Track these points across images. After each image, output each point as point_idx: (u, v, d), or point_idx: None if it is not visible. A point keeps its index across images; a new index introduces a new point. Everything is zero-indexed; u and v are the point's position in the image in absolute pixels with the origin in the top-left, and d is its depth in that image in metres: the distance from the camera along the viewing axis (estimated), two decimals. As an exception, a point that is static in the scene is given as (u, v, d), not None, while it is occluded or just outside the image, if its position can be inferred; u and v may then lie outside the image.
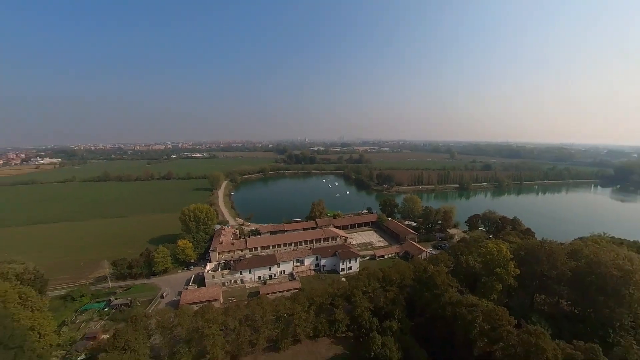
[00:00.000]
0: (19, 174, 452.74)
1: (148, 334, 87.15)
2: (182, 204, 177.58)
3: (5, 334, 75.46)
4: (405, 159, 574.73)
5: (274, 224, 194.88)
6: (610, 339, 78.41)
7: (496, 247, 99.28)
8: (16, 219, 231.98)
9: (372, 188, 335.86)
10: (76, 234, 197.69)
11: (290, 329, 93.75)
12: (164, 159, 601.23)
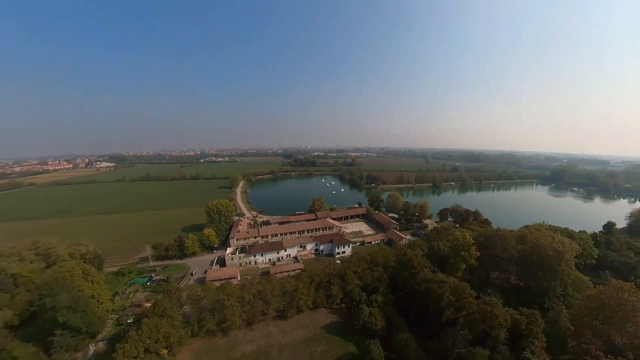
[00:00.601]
0: (84, 175, 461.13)
1: (180, 304, 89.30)
2: (208, 200, 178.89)
3: (73, 300, 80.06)
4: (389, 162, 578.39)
5: (282, 216, 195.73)
6: (547, 305, 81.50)
7: (461, 235, 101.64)
8: (82, 211, 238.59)
9: (362, 186, 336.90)
10: (125, 223, 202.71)
11: (294, 301, 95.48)
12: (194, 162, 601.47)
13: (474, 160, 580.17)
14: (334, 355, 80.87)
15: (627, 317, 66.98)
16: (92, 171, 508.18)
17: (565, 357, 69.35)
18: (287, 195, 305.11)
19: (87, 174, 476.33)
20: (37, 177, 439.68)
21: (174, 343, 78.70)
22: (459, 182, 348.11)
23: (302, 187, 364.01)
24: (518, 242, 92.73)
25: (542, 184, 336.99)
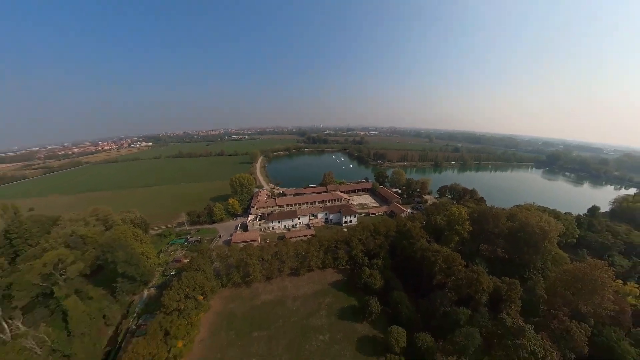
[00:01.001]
0: (128, 153, 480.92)
1: (211, 261, 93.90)
2: (231, 174, 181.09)
3: (128, 256, 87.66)
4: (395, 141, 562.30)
5: (296, 188, 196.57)
6: (526, 276, 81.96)
7: (457, 210, 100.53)
8: (129, 184, 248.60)
9: (369, 163, 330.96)
10: (163, 193, 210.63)
11: (306, 262, 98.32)
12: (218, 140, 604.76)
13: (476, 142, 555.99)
14: (338, 307, 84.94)
15: (595, 290, 67.77)
16: (134, 150, 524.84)
17: (536, 319, 70.26)
18: (301, 169, 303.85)
19: (130, 152, 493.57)
20: (92, 156, 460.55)
21: (208, 291, 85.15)
22: (460, 162, 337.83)
23: (315, 162, 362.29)
24: (508, 220, 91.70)
25: (537, 167, 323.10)
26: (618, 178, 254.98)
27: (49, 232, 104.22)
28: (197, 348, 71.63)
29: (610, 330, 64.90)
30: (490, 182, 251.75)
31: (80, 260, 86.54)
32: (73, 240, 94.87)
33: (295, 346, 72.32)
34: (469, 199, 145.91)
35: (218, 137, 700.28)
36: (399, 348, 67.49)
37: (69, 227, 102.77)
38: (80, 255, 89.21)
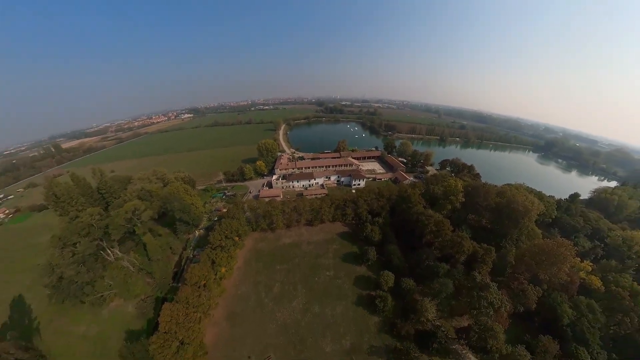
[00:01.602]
0: (174, 124, 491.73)
1: (244, 211, 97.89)
2: (258, 139, 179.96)
3: (181, 206, 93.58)
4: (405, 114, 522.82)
5: (313, 153, 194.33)
6: (502, 244, 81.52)
7: (454, 183, 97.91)
8: (177, 149, 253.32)
9: (380, 133, 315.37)
10: (204, 156, 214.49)
11: (319, 215, 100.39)
12: (247, 110, 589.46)
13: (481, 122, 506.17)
14: (343, 252, 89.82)
15: (556, 263, 68.34)
16: (179, 121, 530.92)
17: (500, 279, 72.85)
18: (318, 137, 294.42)
19: (176, 123, 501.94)
20: (148, 128, 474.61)
21: (242, 234, 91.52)
22: (464, 139, 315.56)
23: (331, 130, 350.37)
24: (497, 196, 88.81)
25: (534, 151, 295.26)
26: (603, 170, 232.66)
27: (126, 188, 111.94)
28: (235, 273, 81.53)
29: (557, 295, 67.10)
30: (488, 160, 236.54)
31: (149, 208, 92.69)
32: (143, 194, 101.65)
33: (307, 277, 80.00)
34: (467, 173, 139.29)
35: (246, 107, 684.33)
36: (387, 287, 73.02)
37: (138, 184, 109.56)
38: (149, 205, 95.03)
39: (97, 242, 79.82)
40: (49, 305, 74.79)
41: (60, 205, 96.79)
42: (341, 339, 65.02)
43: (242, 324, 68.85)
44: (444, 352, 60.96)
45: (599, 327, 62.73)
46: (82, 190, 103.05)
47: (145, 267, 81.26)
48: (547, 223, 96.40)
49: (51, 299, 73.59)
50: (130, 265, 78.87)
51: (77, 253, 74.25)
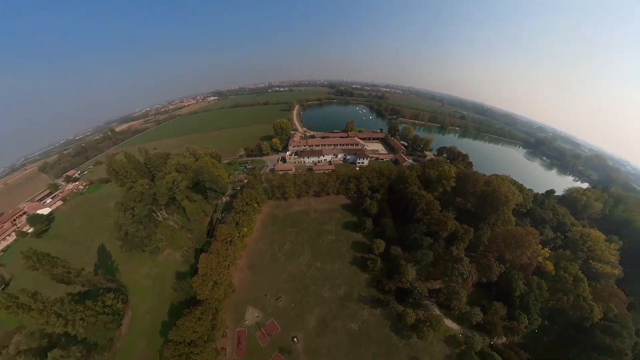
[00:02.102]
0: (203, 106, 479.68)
1: (261, 182, 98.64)
2: (274, 119, 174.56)
3: (210, 177, 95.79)
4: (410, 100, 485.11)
5: (323, 132, 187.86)
6: (480, 226, 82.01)
7: (448, 169, 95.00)
8: (205, 129, 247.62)
9: (385, 117, 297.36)
10: (228, 134, 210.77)
11: (325, 188, 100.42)
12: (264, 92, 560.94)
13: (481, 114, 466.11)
14: (344, 221, 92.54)
15: (520, 247, 70.03)
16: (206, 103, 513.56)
17: (473, 255, 75.42)
18: (329, 117, 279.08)
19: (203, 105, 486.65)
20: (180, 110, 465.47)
21: (260, 201, 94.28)
22: (462, 128, 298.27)
23: (340, 112, 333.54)
24: (484, 184, 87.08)
25: (523, 147, 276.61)
26: (580, 172, 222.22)
27: (166, 162, 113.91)
28: (254, 233, 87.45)
29: (515, 272, 69.99)
30: (482, 151, 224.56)
31: (185, 179, 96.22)
32: (179, 167, 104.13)
33: (312, 239, 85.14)
34: (461, 161, 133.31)
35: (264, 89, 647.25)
36: (378, 252, 77.28)
37: (175, 159, 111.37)
38: (185, 176, 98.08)
39: (148, 207, 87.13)
40: (121, 252, 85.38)
41: (119, 178, 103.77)
42: (337, 289, 72.15)
43: (260, 272, 76.68)
44: (416, 306, 67.63)
45: (542, 301, 66.96)
46: (133, 165, 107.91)
47: (185, 226, 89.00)
48: (522, 212, 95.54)
49: (122, 249, 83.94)
50: (174, 224, 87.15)
51: (135, 215, 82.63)
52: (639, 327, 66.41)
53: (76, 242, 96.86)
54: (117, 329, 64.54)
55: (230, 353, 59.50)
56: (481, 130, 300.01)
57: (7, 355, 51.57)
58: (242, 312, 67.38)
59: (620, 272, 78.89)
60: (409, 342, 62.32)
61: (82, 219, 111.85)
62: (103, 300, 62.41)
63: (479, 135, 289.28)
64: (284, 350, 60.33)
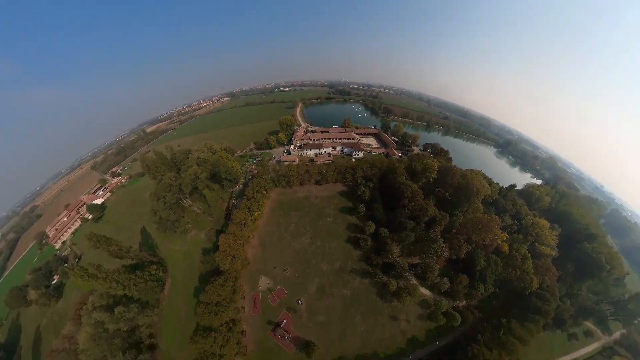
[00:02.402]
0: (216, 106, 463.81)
1: (269, 172, 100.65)
2: (280, 116, 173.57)
3: (225, 168, 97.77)
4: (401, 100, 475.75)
5: (324, 127, 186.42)
6: (454, 213, 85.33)
7: (431, 162, 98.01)
8: (220, 126, 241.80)
9: (379, 115, 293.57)
10: (239, 130, 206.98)
11: (325, 177, 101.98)
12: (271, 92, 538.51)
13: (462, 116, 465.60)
14: (340, 205, 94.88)
15: (485, 231, 76.38)
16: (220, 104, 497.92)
17: (447, 236, 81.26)
18: (328, 114, 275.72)
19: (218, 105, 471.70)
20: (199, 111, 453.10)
21: (268, 189, 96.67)
22: (445, 127, 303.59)
23: (339, 109, 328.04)
24: (461, 177, 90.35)
25: (494, 146, 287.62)
26: (537, 171, 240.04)
27: (188, 157, 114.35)
28: (264, 217, 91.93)
29: (479, 252, 77.10)
30: (460, 148, 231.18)
31: (204, 171, 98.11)
32: (199, 161, 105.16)
33: (313, 221, 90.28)
34: (442, 156, 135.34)
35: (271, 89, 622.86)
36: (369, 232, 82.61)
37: (196, 154, 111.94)
38: (204, 169, 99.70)
39: (176, 195, 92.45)
40: (158, 233, 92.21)
41: (151, 172, 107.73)
42: (333, 263, 79.53)
43: (270, 248, 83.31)
44: (398, 277, 75.78)
45: (496, 274, 75.33)
46: (162, 161, 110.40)
47: (207, 211, 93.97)
48: (489, 202, 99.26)
49: (158, 230, 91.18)
50: (198, 209, 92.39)
51: (166, 202, 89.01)
52: (562, 294, 77.38)
53: (123, 225, 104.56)
54: (161, 292, 74.07)
55: (248, 311, 67.94)
56: (461, 130, 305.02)
57: (87, 310, 62.23)
58: (256, 280, 75.16)
59: (556, 252, 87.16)
60: (390, 305, 71.16)
61: (126, 206, 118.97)
62: (148, 271, 71.83)
63: (459, 134, 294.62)
64: (291, 309, 68.69)
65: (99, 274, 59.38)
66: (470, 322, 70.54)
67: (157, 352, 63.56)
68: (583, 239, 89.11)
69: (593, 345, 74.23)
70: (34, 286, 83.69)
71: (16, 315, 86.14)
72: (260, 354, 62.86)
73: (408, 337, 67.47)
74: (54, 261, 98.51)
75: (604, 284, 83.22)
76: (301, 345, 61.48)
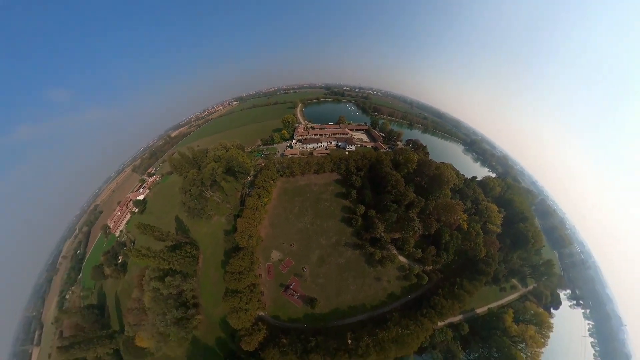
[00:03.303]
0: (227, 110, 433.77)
1: (274, 164, 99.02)
2: (282, 115, 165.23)
3: (237, 162, 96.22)
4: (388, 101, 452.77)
5: (321, 124, 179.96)
6: (428, 198, 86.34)
7: (412, 156, 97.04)
8: (231, 127, 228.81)
9: (369, 113, 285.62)
10: (248, 129, 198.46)
11: (322, 167, 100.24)
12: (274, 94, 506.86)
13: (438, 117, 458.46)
14: (336, 191, 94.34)
15: (451, 213, 79.94)
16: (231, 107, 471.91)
17: (422, 217, 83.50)
18: (325, 112, 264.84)
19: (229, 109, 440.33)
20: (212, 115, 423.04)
21: (274, 179, 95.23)
22: (424, 126, 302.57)
23: (334, 108, 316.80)
24: (435, 169, 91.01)
25: (462, 144, 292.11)
26: (492, 166, 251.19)
27: (206, 155, 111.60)
28: (272, 202, 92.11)
29: (445, 229, 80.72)
30: (436, 144, 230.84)
31: (220, 167, 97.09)
32: (216, 158, 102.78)
33: (313, 205, 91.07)
34: (421, 151, 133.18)
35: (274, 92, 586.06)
36: (359, 213, 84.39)
37: (212, 152, 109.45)
38: (220, 164, 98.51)
39: (199, 188, 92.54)
40: (188, 219, 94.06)
41: (177, 170, 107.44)
42: (330, 238, 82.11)
43: (278, 228, 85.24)
44: (382, 248, 79.14)
45: (456, 245, 79.68)
46: (185, 160, 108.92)
47: (225, 199, 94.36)
48: (455, 190, 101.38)
49: (188, 217, 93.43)
50: (218, 199, 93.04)
51: (192, 195, 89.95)
52: (500, 260, 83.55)
53: (161, 215, 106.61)
54: (197, 265, 79.47)
55: (264, 277, 72.13)
56: (437, 129, 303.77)
57: (146, 280, 69.99)
58: (268, 253, 78.22)
59: (500, 230, 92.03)
60: (375, 269, 75.54)
61: (161, 200, 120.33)
62: (185, 249, 77.19)
63: (435, 132, 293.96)
64: (297, 275, 72.74)
65: (149, 254, 67.19)
66: (434, 281, 76.09)
67: (199, 308, 71.59)
68: (519, 220, 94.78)
69: (515, 295, 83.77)
70: (107, 264, 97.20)
71: (100, 285, 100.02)
72: (275, 308, 68.74)
73: (388, 292, 72.73)
74: (117, 246, 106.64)
75: (528, 253, 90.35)
76: (306, 301, 67.39)
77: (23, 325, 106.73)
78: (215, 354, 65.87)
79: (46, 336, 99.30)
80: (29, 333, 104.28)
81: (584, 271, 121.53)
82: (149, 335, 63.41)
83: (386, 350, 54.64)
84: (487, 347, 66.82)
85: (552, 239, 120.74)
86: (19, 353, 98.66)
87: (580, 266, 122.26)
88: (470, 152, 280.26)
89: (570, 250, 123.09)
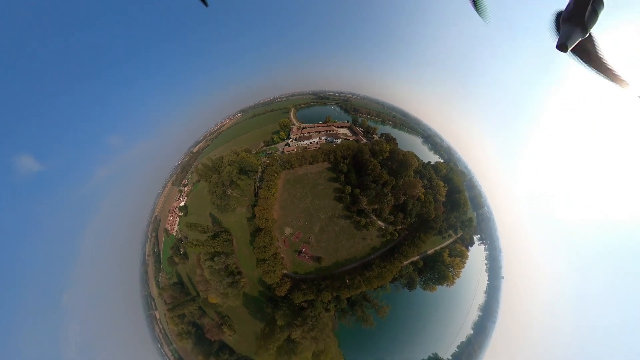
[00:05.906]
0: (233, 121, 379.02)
1: (277, 160, 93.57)
2: (279, 119, 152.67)
3: (247, 163, 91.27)
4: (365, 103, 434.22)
5: (312, 124, 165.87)
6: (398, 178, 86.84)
7: (386, 146, 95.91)
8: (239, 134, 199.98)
9: (350, 112, 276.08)
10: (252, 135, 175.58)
11: (316, 159, 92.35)
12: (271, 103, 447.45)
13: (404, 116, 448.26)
14: (327, 177, 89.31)
15: (414, 188, 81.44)
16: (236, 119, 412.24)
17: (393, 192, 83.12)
18: (314, 114, 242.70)
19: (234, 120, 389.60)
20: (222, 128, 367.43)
21: (278, 172, 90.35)
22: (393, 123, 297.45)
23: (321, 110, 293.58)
24: (402, 156, 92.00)
25: (421, 137, 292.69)
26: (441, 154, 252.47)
27: (222, 161, 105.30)
28: (279, 191, 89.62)
29: (409, 200, 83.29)
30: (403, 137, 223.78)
31: (234, 169, 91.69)
32: (230, 162, 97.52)
33: (311, 189, 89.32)
34: (392, 142, 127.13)
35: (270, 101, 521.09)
36: (347, 193, 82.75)
37: (226, 158, 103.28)
38: (234, 167, 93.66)
39: (222, 188, 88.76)
40: (219, 214, 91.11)
41: (203, 177, 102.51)
42: (327, 213, 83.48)
43: (286, 209, 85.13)
44: (366, 217, 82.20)
45: (416, 211, 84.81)
46: (207, 169, 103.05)
47: (242, 194, 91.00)
48: (417, 171, 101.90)
49: (218, 212, 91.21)
50: (237, 195, 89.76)
51: (217, 194, 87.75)
52: (443, 219, 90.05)
53: (199, 214, 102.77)
54: (232, 246, 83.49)
55: (282, 247, 75.40)
56: (403, 125, 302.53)
57: (202, 261, 77.47)
58: (282, 230, 79.54)
59: (444, 198, 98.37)
60: (361, 232, 79.90)
61: (197, 202, 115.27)
62: (222, 236, 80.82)
63: (402, 128, 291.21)
64: (306, 242, 76.03)
65: (199, 243, 76.21)
66: (402, 236, 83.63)
67: (242, 274, 79.46)
68: (456, 192, 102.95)
69: (450, 240, 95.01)
70: (175, 255, 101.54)
71: (175, 270, 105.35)
72: (294, 266, 75.07)
73: (371, 247, 78.93)
74: (177, 242, 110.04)
75: (460, 214, 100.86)
76: (315, 259, 73.86)
77: (144, 298, 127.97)
78: (260, 301, 77.27)
79: (158, 305, 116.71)
80: (148, 303, 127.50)
81: (488, 223, 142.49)
82: (215, 295, 75.89)
83: (371, 283, 69.36)
84: (432, 273, 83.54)
85: (474, 204, 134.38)
86: (150, 315, 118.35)
87: (487, 220, 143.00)
88: (427, 143, 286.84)
89: (482, 211, 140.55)
